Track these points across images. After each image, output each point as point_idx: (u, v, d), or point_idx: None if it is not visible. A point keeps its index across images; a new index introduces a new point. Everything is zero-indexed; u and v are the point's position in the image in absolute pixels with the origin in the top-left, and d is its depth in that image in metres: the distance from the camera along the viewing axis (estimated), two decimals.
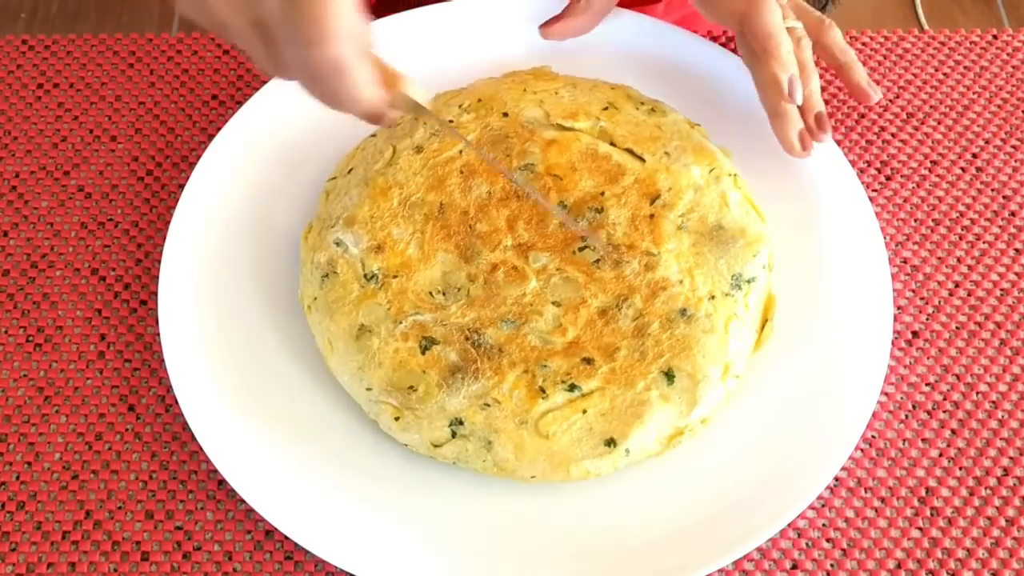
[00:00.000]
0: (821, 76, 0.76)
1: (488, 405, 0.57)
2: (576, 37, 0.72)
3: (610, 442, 0.57)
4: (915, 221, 0.70)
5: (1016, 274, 0.68)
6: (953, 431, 0.63)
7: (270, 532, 0.59)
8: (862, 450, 0.62)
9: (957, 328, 0.66)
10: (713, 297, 0.60)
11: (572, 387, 0.58)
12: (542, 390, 0.57)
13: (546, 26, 0.71)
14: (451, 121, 0.66)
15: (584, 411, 0.57)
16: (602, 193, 0.63)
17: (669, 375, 0.58)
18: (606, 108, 0.66)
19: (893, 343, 0.65)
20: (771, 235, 0.64)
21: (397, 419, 0.58)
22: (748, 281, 0.61)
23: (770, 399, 0.61)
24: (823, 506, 0.60)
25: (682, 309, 0.60)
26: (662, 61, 0.72)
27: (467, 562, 0.57)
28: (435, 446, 0.58)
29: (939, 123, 0.74)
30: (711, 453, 0.60)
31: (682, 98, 0.70)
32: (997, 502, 0.60)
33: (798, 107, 0.66)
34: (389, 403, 0.58)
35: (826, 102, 0.74)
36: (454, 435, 0.57)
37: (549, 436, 0.57)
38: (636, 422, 0.57)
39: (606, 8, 0.71)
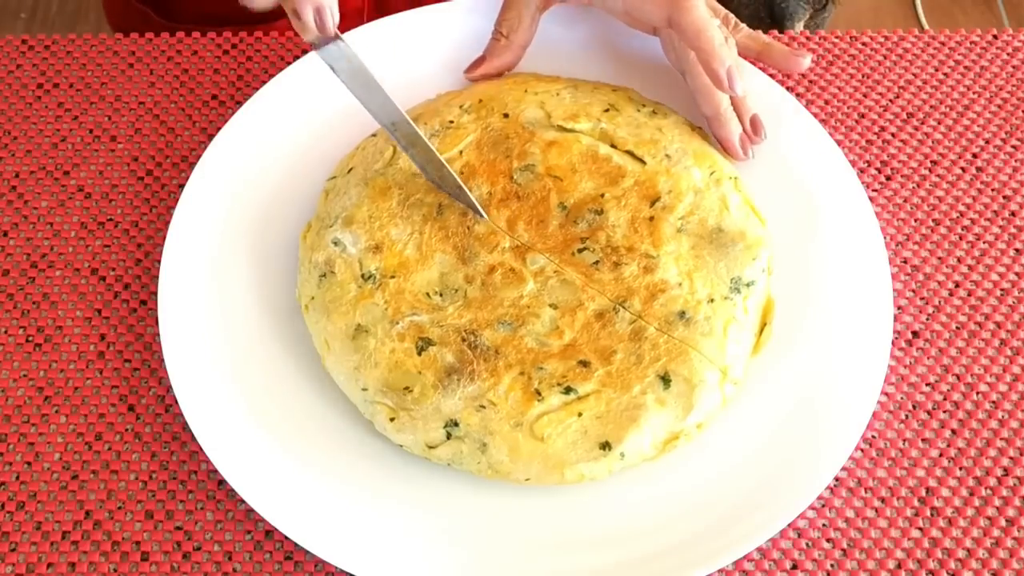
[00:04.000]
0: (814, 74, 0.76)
1: (483, 407, 0.57)
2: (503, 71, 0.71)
3: (605, 445, 0.57)
4: (915, 221, 0.70)
5: (1016, 274, 0.68)
6: (953, 431, 0.63)
7: (270, 532, 0.59)
8: (862, 450, 0.62)
9: (957, 328, 0.66)
10: (712, 300, 0.60)
11: (568, 390, 0.58)
12: (538, 392, 0.57)
13: (470, 71, 0.70)
14: (451, 122, 0.66)
15: (579, 414, 0.57)
16: (602, 195, 0.63)
17: (665, 379, 0.58)
18: (607, 110, 0.66)
19: (893, 343, 0.65)
20: (771, 238, 0.64)
21: (392, 420, 0.58)
22: (747, 285, 0.61)
23: (770, 399, 0.61)
24: (823, 506, 0.60)
25: (681, 312, 0.60)
26: (664, 63, 0.72)
27: (462, 563, 0.57)
28: (430, 447, 0.58)
29: (939, 123, 0.74)
30: (711, 453, 0.60)
31: (684, 100, 0.70)
32: (997, 502, 0.60)
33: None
34: (385, 404, 0.58)
35: (826, 102, 0.74)
36: (449, 436, 0.57)
37: (544, 439, 0.57)
38: (631, 426, 0.57)
39: (527, 40, 0.70)
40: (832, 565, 0.58)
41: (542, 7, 0.70)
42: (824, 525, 0.60)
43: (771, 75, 0.72)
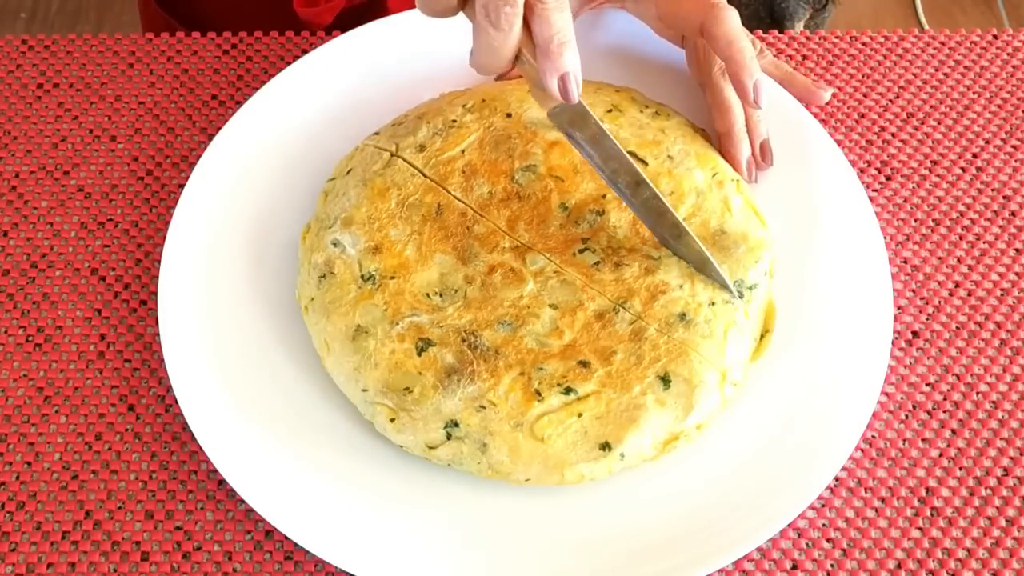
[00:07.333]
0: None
1: (483, 407, 0.57)
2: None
3: (605, 446, 0.57)
4: (915, 221, 0.70)
5: (1016, 274, 0.68)
6: (953, 431, 0.63)
7: (270, 532, 0.59)
8: (862, 450, 0.62)
9: (957, 328, 0.66)
10: (713, 303, 0.60)
11: (568, 390, 0.58)
12: (538, 393, 0.57)
13: None
14: (454, 121, 0.66)
15: (579, 414, 0.57)
16: (603, 196, 0.63)
17: (665, 380, 0.58)
18: (610, 110, 0.66)
19: (893, 343, 0.65)
20: (773, 240, 0.64)
21: (392, 420, 0.58)
22: (749, 288, 0.61)
23: (770, 399, 0.61)
24: (823, 506, 0.60)
25: (681, 314, 0.60)
26: (668, 65, 0.72)
27: (463, 563, 0.57)
28: (430, 448, 0.58)
29: (939, 123, 0.74)
30: (711, 453, 0.60)
31: (687, 102, 0.70)
32: (997, 502, 0.60)
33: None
34: (385, 404, 0.58)
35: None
36: (449, 437, 0.57)
37: (544, 439, 0.57)
38: (631, 426, 0.57)
39: None
40: (832, 565, 0.58)
41: (576, 11, 0.70)
42: (824, 525, 0.60)
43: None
